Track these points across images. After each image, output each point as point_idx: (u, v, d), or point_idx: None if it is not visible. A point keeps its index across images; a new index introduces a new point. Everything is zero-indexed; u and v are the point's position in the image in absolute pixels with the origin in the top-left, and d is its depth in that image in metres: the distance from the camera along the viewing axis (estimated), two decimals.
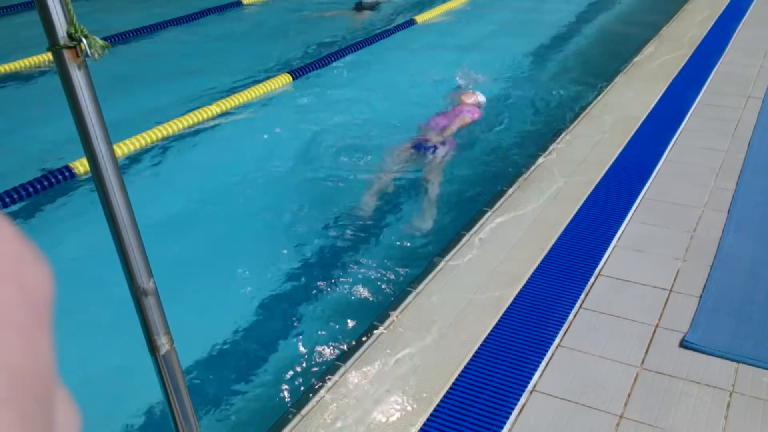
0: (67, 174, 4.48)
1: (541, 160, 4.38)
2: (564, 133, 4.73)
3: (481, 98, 5.56)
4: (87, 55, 1.53)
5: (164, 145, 5.08)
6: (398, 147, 4.96)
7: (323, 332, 3.19)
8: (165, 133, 5.13)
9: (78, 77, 1.55)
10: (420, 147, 4.89)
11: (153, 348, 1.72)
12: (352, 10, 8.95)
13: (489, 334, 2.87)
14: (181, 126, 5.26)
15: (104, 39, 1.59)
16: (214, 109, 5.56)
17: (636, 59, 6.19)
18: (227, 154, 5.13)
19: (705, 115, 4.95)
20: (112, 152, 1.62)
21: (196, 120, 5.38)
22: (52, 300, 0.31)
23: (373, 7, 8.95)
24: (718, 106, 5.08)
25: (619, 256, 3.38)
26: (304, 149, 5.12)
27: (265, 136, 5.43)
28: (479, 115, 5.37)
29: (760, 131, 4.61)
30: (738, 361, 2.63)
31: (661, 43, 6.64)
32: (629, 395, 2.52)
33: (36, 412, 0.28)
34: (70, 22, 1.51)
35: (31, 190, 4.29)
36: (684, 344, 2.74)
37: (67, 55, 1.52)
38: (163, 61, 7.08)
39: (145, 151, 4.98)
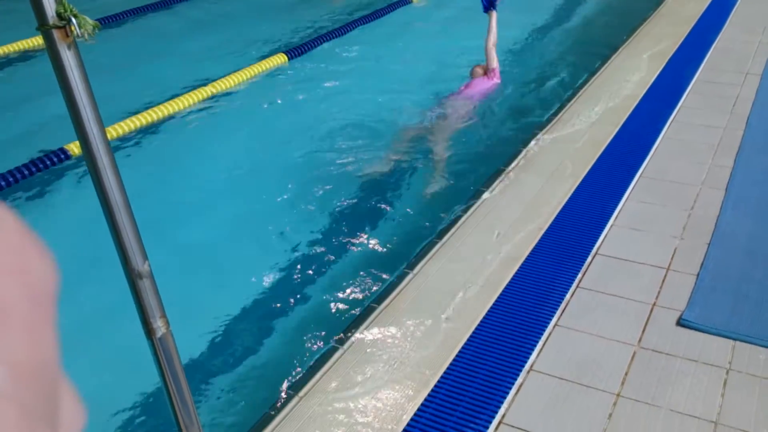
0: (62, 156, 4.45)
1: (539, 138, 4.35)
2: (562, 112, 4.70)
3: (495, 64, 5.42)
4: (77, 35, 1.51)
5: (157, 127, 5.04)
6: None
7: (320, 313, 3.19)
8: (159, 115, 5.10)
9: (68, 57, 1.52)
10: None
11: (149, 331, 1.71)
12: None
13: (487, 314, 2.87)
14: (175, 108, 5.22)
15: (96, 20, 1.56)
16: (209, 90, 5.52)
17: (634, 36, 6.14)
18: (225, 135, 5.10)
19: (703, 91, 4.93)
20: (104, 134, 1.60)
21: (190, 102, 5.34)
22: (56, 293, 0.31)
23: None
24: (717, 83, 5.06)
25: (616, 235, 3.38)
26: (304, 129, 5.09)
27: (263, 117, 5.40)
28: (497, 80, 5.29)
29: (759, 108, 4.58)
30: (735, 339, 2.64)
31: (660, 20, 6.59)
32: (626, 374, 2.52)
33: (40, 407, 0.28)
34: (59, 1, 1.48)
35: (26, 172, 4.27)
36: (681, 322, 2.74)
37: (56, 35, 1.49)
38: (153, 43, 7.00)
39: (139, 132, 4.94)
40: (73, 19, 1.50)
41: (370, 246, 3.68)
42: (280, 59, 6.18)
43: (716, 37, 6.02)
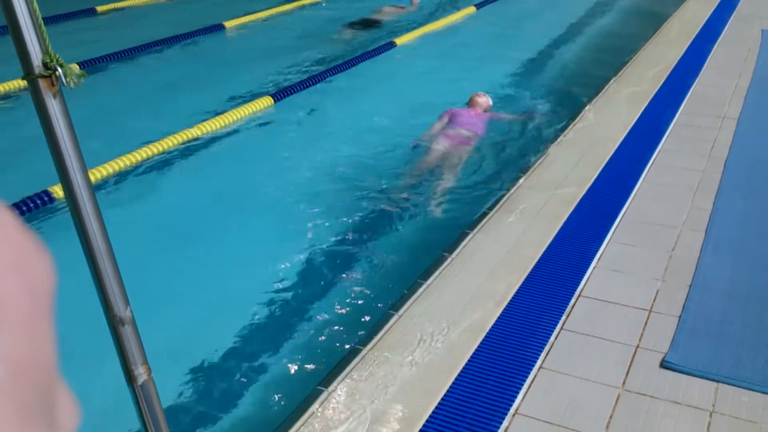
0: (45, 198, 4.44)
1: (521, 181, 4.41)
2: (544, 155, 4.77)
3: (490, 101, 5.84)
4: (63, 84, 1.53)
5: (139, 169, 5.05)
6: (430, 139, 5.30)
7: (305, 356, 3.17)
8: (140, 157, 5.11)
9: (53, 106, 1.54)
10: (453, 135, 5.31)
11: (130, 378, 1.70)
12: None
13: (471, 357, 2.87)
14: (157, 150, 5.24)
15: (86, 63, 1.59)
16: (197, 130, 5.55)
17: (614, 80, 6.28)
18: (208, 176, 5.12)
19: (682, 135, 5.03)
20: (88, 181, 1.61)
21: (173, 144, 5.37)
22: (54, 292, 0.31)
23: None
24: (695, 127, 5.16)
25: (599, 277, 3.40)
26: (288, 170, 5.12)
27: (247, 159, 5.43)
28: (483, 131, 5.56)
29: (736, 151, 4.68)
30: (718, 381, 2.65)
31: (639, 64, 6.75)
32: (611, 417, 2.52)
33: (37, 405, 0.28)
34: (45, 51, 1.50)
35: None
36: (664, 365, 2.75)
37: (42, 84, 1.51)
38: (135, 87, 7.05)
39: (125, 174, 4.95)
40: (59, 69, 1.52)
41: (353, 288, 3.68)
42: (265, 102, 6.24)
43: (694, 81, 6.17)
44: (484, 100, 5.79)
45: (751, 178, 4.31)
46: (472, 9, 9.86)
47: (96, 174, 4.71)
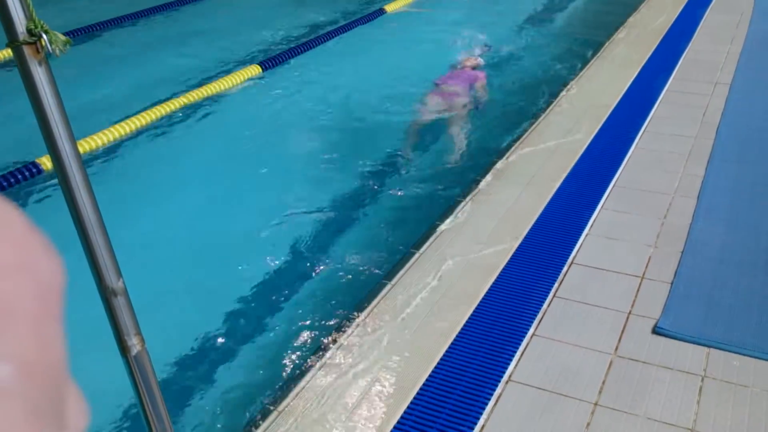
0: (33, 170, 4.38)
1: (513, 148, 4.39)
2: (536, 123, 4.75)
3: (481, 61, 6.01)
4: (48, 51, 1.49)
5: (128, 140, 5.00)
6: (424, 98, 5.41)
7: (299, 327, 3.17)
8: (130, 128, 5.05)
9: (39, 74, 1.50)
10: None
11: (124, 349, 1.69)
12: None
13: (465, 325, 2.88)
14: (147, 120, 5.18)
15: (73, 32, 1.55)
16: (184, 99, 5.48)
17: (606, 47, 6.23)
18: (201, 147, 5.07)
19: (674, 101, 5.01)
20: (76, 150, 1.58)
21: (167, 110, 5.31)
22: (63, 291, 0.31)
23: None
24: (687, 93, 5.14)
25: (591, 244, 3.41)
26: (277, 142, 5.08)
27: (237, 129, 5.38)
28: (484, 77, 5.74)
29: (728, 117, 4.67)
30: (709, 346, 2.67)
31: (631, 30, 6.69)
32: (603, 383, 2.54)
33: (47, 405, 0.28)
34: (29, 17, 1.46)
35: None
36: (656, 330, 2.77)
37: (27, 51, 1.47)
38: (123, 55, 6.94)
39: (110, 146, 4.89)
40: (44, 35, 1.48)
41: (346, 258, 3.67)
42: (254, 70, 6.16)
43: (686, 47, 6.13)
44: (471, 61, 5.94)
45: (743, 144, 4.31)
46: None
47: (84, 146, 4.65)
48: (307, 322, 3.18)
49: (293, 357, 2.94)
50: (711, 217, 3.53)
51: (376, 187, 4.47)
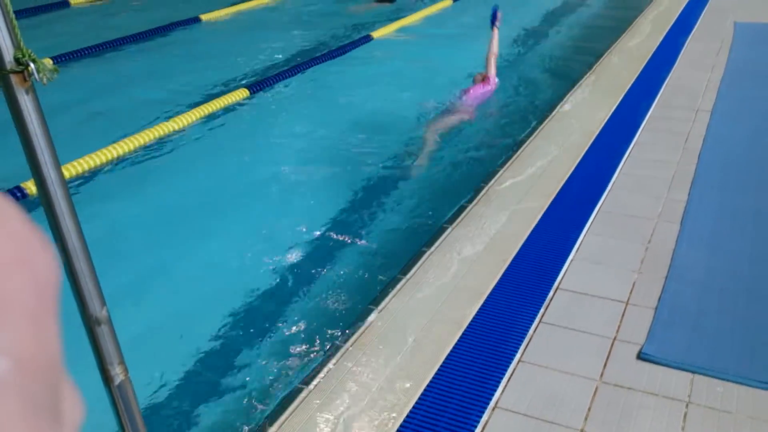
0: (18, 195, 4.36)
1: (499, 174, 4.42)
2: (521, 148, 4.79)
3: (492, 71, 6.12)
4: (35, 79, 1.50)
5: (114, 165, 4.99)
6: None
7: (285, 351, 3.15)
8: (117, 152, 5.04)
9: (26, 102, 1.50)
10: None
11: (107, 378, 1.68)
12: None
13: (451, 351, 2.87)
14: (134, 145, 5.17)
15: (61, 56, 1.55)
16: (173, 124, 5.49)
17: (589, 74, 6.32)
18: (185, 172, 5.06)
19: (657, 127, 5.08)
20: (61, 177, 1.57)
21: (155, 135, 5.31)
22: (58, 286, 0.31)
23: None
24: (669, 119, 5.22)
25: (577, 269, 3.43)
26: (270, 162, 5.09)
27: (225, 151, 5.38)
28: (491, 87, 5.97)
29: (710, 143, 4.74)
30: (693, 372, 2.69)
31: (613, 58, 6.80)
32: (589, 409, 2.54)
33: (44, 400, 0.28)
34: (17, 46, 1.47)
35: None
36: (641, 356, 2.78)
37: (14, 79, 1.48)
38: (112, 80, 6.96)
39: (100, 170, 4.87)
40: (32, 64, 1.49)
41: (333, 284, 3.67)
42: (241, 93, 6.19)
43: (668, 74, 6.23)
44: (479, 75, 6.12)
45: (725, 170, 4.37)
46: (449, 2, 9.86)
47: (71, 170, 4.64)
48: (292, 351, 3.16)
49: (278, 385, 2.92)
50: (694, 243, 3.57)
51: (363, 211, 4.48)
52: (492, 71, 5.97)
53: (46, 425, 0.28)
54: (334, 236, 4.18)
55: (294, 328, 3.32)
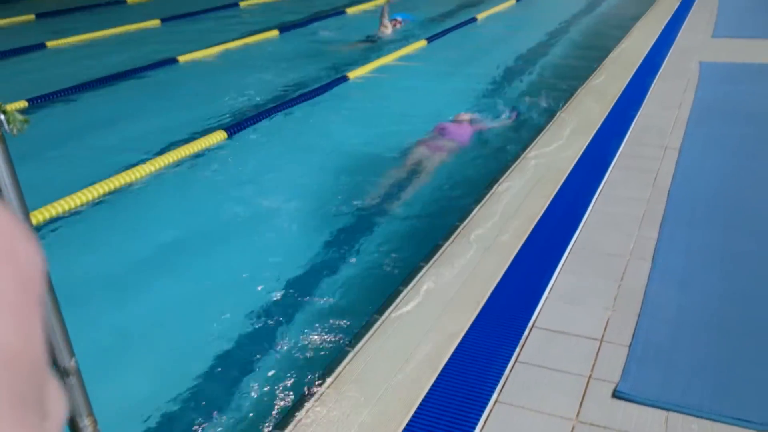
0: None
1: (474, 212, 4.46)
2: (495, 186, 4.85)
3: (475, 115, 6.40)
4: (5, 130, 1.50)
5: (88, 209, 4.95)
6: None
7: (261, 396, 3.12)
8: (92, 195, 5.01)
9: None
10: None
11: (75, 430, 1.65)
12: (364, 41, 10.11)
13: (428, 393, 2.86)
14: (108, 188, 5.15)
15: (36, 99, 1.56)
16: (150, 166, 5.48)
17: (560, 113, 6.44)
18: (160, 214, 5.04)
19: (627, 165, 5.18)
20: (31, 228, 1.57)
21: (125, 181, 5.29)
22: (43, 280, 0.31)
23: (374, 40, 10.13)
24: (639, 157, 5.33)
25: (551, 307, 3.45)
26: (244, 204, 5.09)
27: (201, 194, 5.38)
28: (469, 134, 6.14)
29: (678, 181, 4.84)
30: (668, 410, 2.70)
31: (585, 97, 6.95)
32: None
33: (30, 394, 0.27)
34: None
35: None
36: (616, 395, 2.79)
37: None
38: (87, 122, 6.95)
39: (72, 215, 4.84)
40: (2, 115, 1.50)
41: (309, 324, 3.65)
42: (219, 136, 6.21)
43: (637, 112, 6.38)
44: (468, 116, 6.33)
45: (694, 206, 4.46)
46: (423, 42, 10.04)
47: (44, 213, 4.60)
48: (267, 394, 3.13)
49: (256, 428, 2.88)
50: (665, 280, 3.62)
51: (339, 250, 4.49)
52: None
53: (33, 419, 0.27)
54: (310, 275, 4.17)
55: (269, 371, 3.29)
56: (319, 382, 2.95)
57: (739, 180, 4.88)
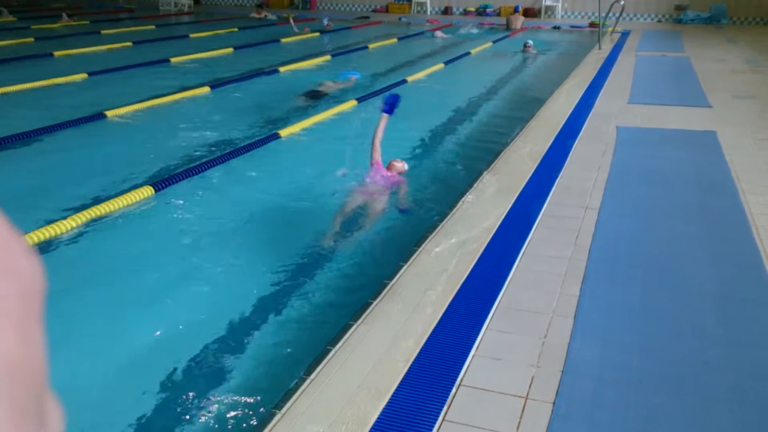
0: None
1: (403, 270, 4.52)
2: (423, 245, 4.93)
3: (406, 166, 6.49)
4: None
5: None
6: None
7: (219, 423, 3.01)
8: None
9: None
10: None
11: None
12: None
13: None
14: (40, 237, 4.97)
15: None
16: (72, 222, 5.32)
17: (486, 173, 6.65)
18: (91, 270, 4.88)
19: (550, 225, 5.37)
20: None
21: (58, 231, 5.12)
22: (43, 293, 0.31)
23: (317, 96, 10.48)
24: (561, 217, 5.54)
25: (478, 365, 3.50)
26: (175, 259, 4.98)
27: (135, 247, 5.25)
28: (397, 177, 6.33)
29: (598, 240, 5.05)
30: None
31: (509, 158, 7.21)
32: None
33: (31, 405, 0.28)
34: None
35: None
36: None
37: None
38: (12, 176, 6.74)
39: None
40: None
41: (233, 388, 3.57)
42: (146, 192, 6.11)
43: (558, 174, 6.65)
44: (400, 165, 6.44)
45: (613, 265, 4.65)
46: (354, 102, 10.25)
47: None
48: (227, 419, 3.02)
49: None
50: (587, 336, 3.73)
51: (268, 308, 4.44)
52: (377, 156, 6.30)
53: (32, 429, 0.28)
54: (237, 335, 4.10)
55: (224, 398, 3.20)
56: None
57: (654, 238, 5.13)
